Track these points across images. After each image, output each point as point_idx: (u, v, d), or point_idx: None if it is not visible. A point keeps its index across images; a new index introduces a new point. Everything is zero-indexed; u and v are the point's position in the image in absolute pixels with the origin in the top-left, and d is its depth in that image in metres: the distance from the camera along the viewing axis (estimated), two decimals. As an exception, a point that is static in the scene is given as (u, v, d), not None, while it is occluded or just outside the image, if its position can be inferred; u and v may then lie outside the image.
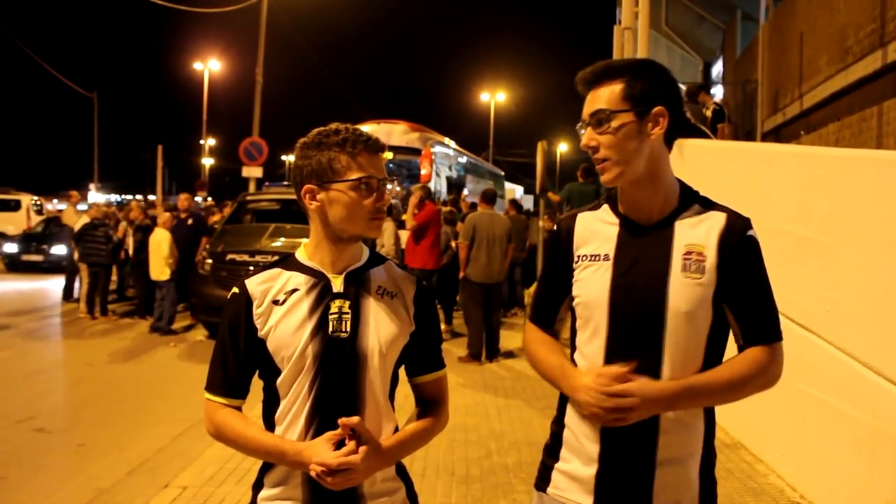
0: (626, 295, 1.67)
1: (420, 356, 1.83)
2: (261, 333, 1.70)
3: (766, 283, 1.71)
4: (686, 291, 1.65)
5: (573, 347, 1.78)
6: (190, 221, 10.88)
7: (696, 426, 1.70)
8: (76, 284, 12.13)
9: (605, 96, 1.68)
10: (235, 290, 1.74)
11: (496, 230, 8.22)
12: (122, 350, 8.95)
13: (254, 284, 1.73)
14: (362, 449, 1.61)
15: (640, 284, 1.66)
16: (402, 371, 1.84)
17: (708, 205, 1.73)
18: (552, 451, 1.80)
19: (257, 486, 1.77)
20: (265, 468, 1.76)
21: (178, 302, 10.40)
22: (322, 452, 1.60)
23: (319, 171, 1.69)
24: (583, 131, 1.72)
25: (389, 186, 1.74)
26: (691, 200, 1.74)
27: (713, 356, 1.69)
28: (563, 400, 1.79)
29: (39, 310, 12.07)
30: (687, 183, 1.79)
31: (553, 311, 1.85)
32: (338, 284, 1.72)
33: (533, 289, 2.76)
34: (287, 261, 1.78)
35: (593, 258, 1.73)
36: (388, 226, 9.41)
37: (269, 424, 1.73)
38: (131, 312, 11.35)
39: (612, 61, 1.76)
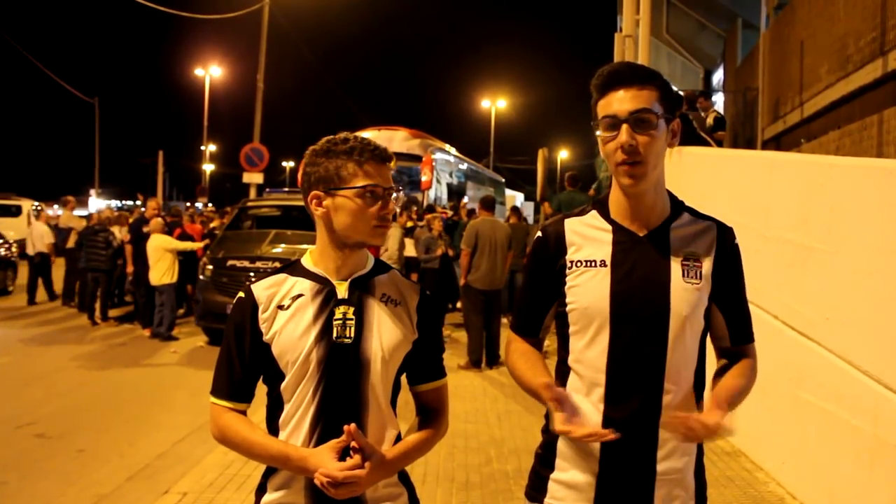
0: (627, 300, 1.67)
1: (421, 364, 1.84)
2: (265, 338, 1.71)
3: (745, 288, 1.80)
4: (687, 296, 1.68)
5: (565, 354, 1.77)
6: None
7: None
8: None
9: (647, 98, 1.64)
10: (241, 294, 1.76)
11: (497, 237, 8.23)
12: (121, 356, 8.94)
13: (260, 289, 1.74)
14: (368, 463, 1.62)
15: (642, 290, 1.68)
16: (403, 378, 1.84)
17: (695, 214, 1.79)
18: (545, 460, 1.79)
19: (261, 489, 1.78)
20: (269, 472, 1.76)
21: (177, 307, 10.39)
22: (327, 462, 1.61)
23: (327, 177, 1.71)
24: (610, 130, 1.64)
25: (395, 195, 1.75)
26: (681, 209, 1.78)
27: (701, 359, 1.74)
28: None
29: (39, 314, 12.07)
30: (685, 191, 1.80)
31: (539, 319, 1.82)
32: (342, 290, 1.74)
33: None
34: (293, 267, 1.79)
35: (589, 264, 1.72)
36: (394, 232, 9.47)
37: (273, 429, 1.74)
38: (131, 318, 11.34)
39: (641, 65, 1.76)
